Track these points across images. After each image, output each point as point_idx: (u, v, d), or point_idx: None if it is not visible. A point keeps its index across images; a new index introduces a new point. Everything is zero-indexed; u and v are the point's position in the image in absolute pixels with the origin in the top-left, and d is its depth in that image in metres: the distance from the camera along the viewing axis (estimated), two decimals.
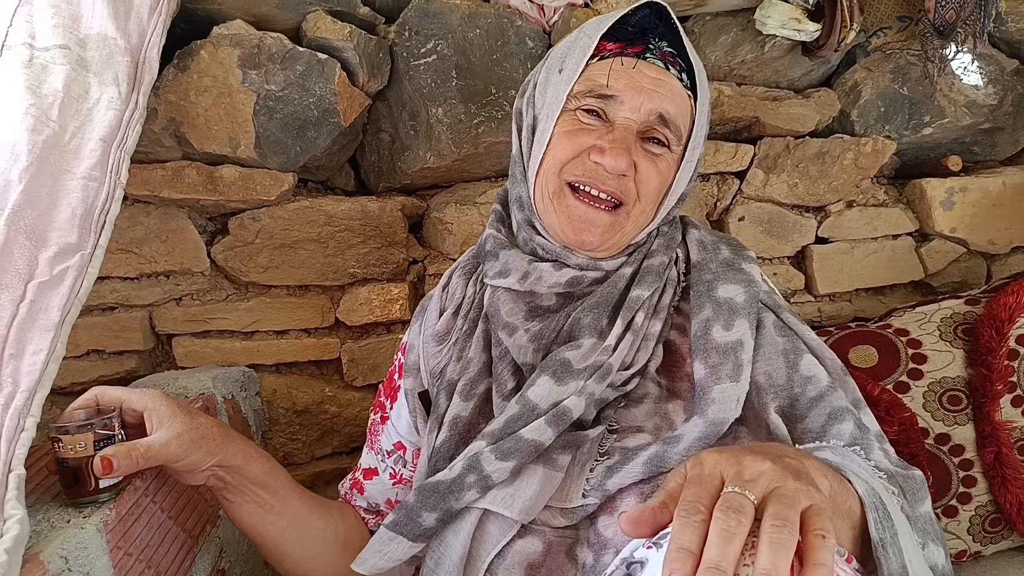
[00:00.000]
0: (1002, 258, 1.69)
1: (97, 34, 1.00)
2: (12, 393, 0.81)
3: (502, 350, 0.89)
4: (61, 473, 0.80)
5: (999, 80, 1.56)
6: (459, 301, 0.96)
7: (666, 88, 0.87)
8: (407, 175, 1.42)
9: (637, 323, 0.85)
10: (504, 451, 0.78)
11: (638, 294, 0.87)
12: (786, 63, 1.50)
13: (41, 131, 0.91)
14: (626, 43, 0.88)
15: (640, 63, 0.87)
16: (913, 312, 1.41)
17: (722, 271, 0.89)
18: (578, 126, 0.88)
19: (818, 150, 1.53)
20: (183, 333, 1.40)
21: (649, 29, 0.89)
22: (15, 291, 0.85)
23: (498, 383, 0.88)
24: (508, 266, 0.91)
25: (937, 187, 1.59)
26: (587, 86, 0.87)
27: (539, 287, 0.89)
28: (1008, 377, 1.26)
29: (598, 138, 0.86)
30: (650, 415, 0.83)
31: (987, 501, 1.27)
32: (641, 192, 0.88)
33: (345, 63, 1.28)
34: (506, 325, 0.88)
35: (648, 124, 0.87)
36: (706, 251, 0.92)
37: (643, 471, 0.75)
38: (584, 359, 0.82)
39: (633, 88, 0.86)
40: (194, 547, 1.08)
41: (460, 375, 0.90)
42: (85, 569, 0.79)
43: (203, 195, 1.29)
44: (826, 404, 0.80)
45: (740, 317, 0.84)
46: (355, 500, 1.07)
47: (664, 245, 0.93)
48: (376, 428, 1.05)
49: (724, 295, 0.86)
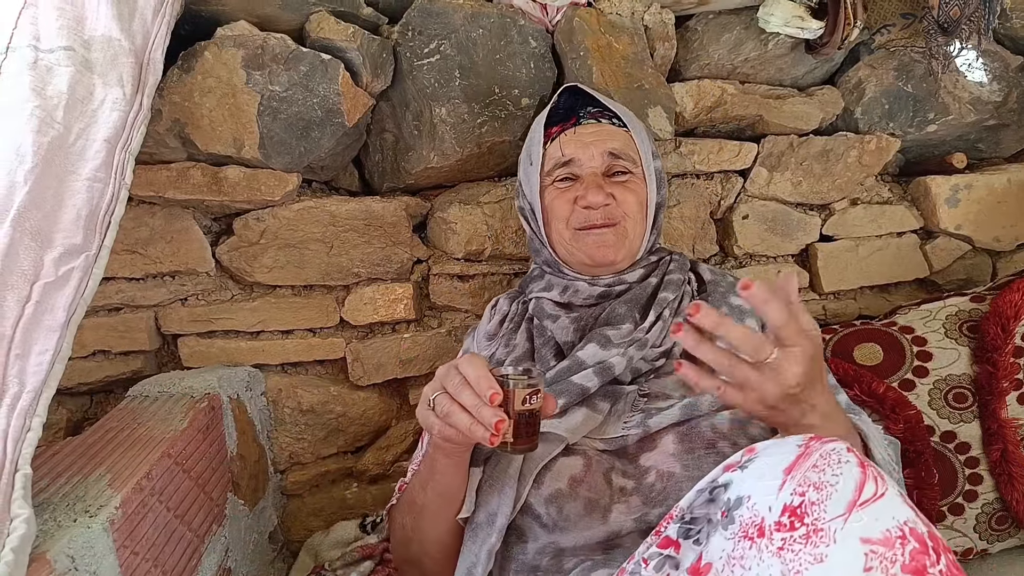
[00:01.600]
0: (1007, 255, 1.68)
1: (101, 36, 1.00)
2: (18, 393, 0.81)
3: (546, 338, 1.10)
4: (526, 425, 0.81)
5: (1004, 77, 1.55)
6: (505, 313, 1.20)
7: (604, 133, 1.13)
8: (411, 175, 1.42)
9: (665, 316, 1.07)
10: (556, 391, 0.95)
11: (665, 296, 1.09)
12: (789, 61, 1.49)
13: (46, 132, 0.91)
14: (562, 121, 1.16)
15: (578, 128, 1.14)
16: (918, 310, 1.40)
17: (730, 288, 1.14)
18: (560, 191, 1.14)
19: (822, 148, 1.53)
20: (188, 333, 1.40)
21: (574, 104, 1.18)
22: (21, 292, 0.85)
23: (542, 362, 1.07)
24: (551, 284, 1.16)
25: (942, 184, 1.58)
26: (551, 164, 1.15)
27: (575, 299, 1.13)
28: (1014, 374, 1.26)
29: (576, 191, 1.12)
30: (676, 386, 1.00)
31: (993, 499, 1.27)
32: (626, 211, 1.12)
33: (349, 63, 1.28)
34: (550, 316, 1.11)
35: (607, 164, 1.12)
36: (715, 275, 1.18)
37: (679, 414, 0.94)
38: (623, 337, 1.02)
39: (580, 145, 1.12)
40: (200, 546, 1.08)
41: (507, 356, 1.11)
42: (91, 568, 0.79)
43: (208, 196, 1.30)
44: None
45: (750, 318, 1.07)
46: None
47: (679, 267, 1.16)
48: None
49: (735, 302, 1.09)
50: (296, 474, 1.49)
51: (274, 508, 1.45)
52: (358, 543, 1.36)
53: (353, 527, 1.43)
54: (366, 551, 1.31)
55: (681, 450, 0.92)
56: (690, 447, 0.92)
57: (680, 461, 0.91)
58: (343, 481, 1.54)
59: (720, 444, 0.91)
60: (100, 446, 1.01)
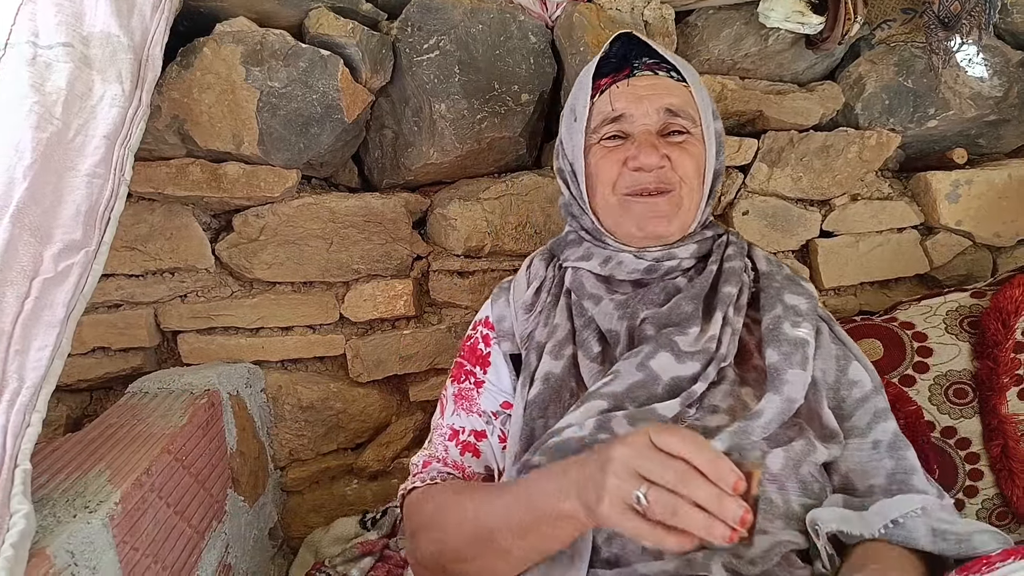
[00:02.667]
0: (1008, 251, 1.68)
1: (100, 32, 1.00)
2: (17, 389, 0.81)
3: (586, 319, 0.99)
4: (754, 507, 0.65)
5: (1004, 72, 1.55)
6: (541, 279, 1.07)
7: (661, 87, 1.00)
8: (411, 171, 1.42)
9: (730, 317, 0.95)
10: (637, 419, 0.84)
11: (729, 291, 0.97)
12: (790, 56, 1.49)
13: (45, 128, 0.91)
14: (614, 72, 1.03)
15: (631, 79, 1.01)
16: (918, 305, 1.40)
17: (786, 283, 1.00)
18: (607, 151, 1.00)
19: (822, 144, 1.53)
20: (188, 330, 1.40)
21: (627, 54, 1.04)
22: (20, 288, 0.85)
23: (584, 347, 0.97)
24: (590, 252, 1.03)
25: (942, 180, 1.58)
26: (599, 118, 1.01)
27: (619, 272, 1.00)
28: (1015, 370, 1.26)
29: (626, 151, 0.98)
30: (726, 396, 0.89)
31: (994, 494, 1.27)
32: (682, 175, 0.98)
33: (348, 59, 1.28)
34: (591, 296, 0.99)
35: (662, 121, 0.99)
36: (771, 265, 1.05)
37: (729, 441, 0.83)
38: (692, 344, 0.91)
39: (634, 100, 0.99)
40: (200, 542, 1.08)
41: (548, 338, 0.99)
42: (91, 564, 0.79)
43: (207, 192, 1.29)
44: (871, 405, 0.93)
45: (806, 320, 0.94)
46: (469, 466, 1.01)
47: (738, 252, 1.04)
48: (469, 394, 1.05)
49: (791, 301, 0.96)
50: (296, 470, 1.49)
51: (274, 504, 1.45)
52: (358, 539, 1.36)
53: (353, 523, 1.43)
54: (366, 547, 1.32)
55: None
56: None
57: None
58: (343, 478, 1.54)
59: (767, 488, 0.82)
60: (100, 442, 1.01)
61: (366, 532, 1.40)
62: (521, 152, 1.47)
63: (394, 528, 1.38)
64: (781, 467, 0.83)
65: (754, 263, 1.05)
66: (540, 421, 0.91)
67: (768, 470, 0.83)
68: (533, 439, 0.91)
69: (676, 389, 0.88)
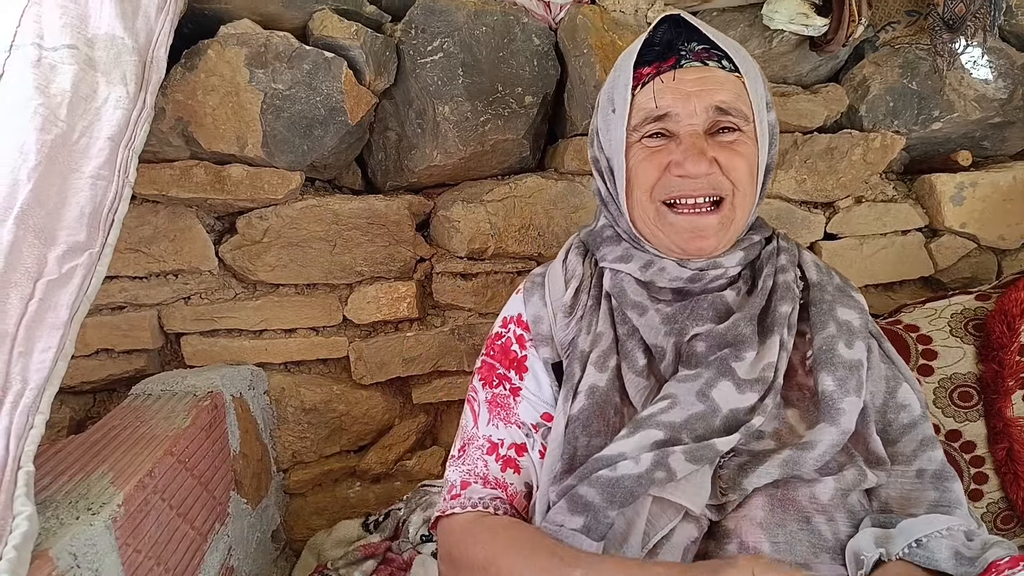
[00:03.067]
0: (1013, 253, 1.68)
1: (105, 34, 1.00)
2: (21, 391, 0.81)
3: (630, 328, 0.92)
4: None
5: (1009, 74, 1.54)
6: (580, 278, 0.99)
7: (712, 81, 0.89)
8: (414, 173, 1.42)
9: (784, 340, 0.88)
10: (696, 456, 0.80)
11: (784, 310, 0.90)
12: (794, 58, 1.49)
13: (49, 130, 0.91)
14: (659, 61, 0.91)
15: (677, 72, 0.89)
16: (923, 308, 1.40)
17: (838, 295, 0.93)
18: (649, 152, 0.91)
19: (826, 146, 1.52)
20: (192, 332, 1.40)
21: (674, 39, 0.92)
22: (24, 289, 0.85)
23: (629, 360, 0.90)
24: (630, 254, 0.96)
25: (947, 182, 1.58)
26: (641, 116, 0.90)
27: (660, 279, 0.93)
28: (1020, 373, 1.25)
29: (670, 154, 0.89)
30: (771, 420, 0.85)
31: (999, 498, 1.26)
32: (734, 179, 0.90)
33: (352, 61, 1.28)
34: (636, 304, 0.92)
35: (711, 120, 0.89)
36: (822, 273, 0.96)
37: (779, 472, 0.79)
38: (749, 372, 0.85)
39: (681, 97, 0.88)
40: (203, 544, 1.08)
41: (592, 347, 0.92)
42: (94, 566, 0.79)
43: (211, 194, 1.30)
44: (919, 431, 0.88)
45: (859, 339, 0.88)
46: (512, 484, 0.94)
47: (790, 260, 0.96)
48: (506, 402, 0.97)
49: (843, 317, 0.90)
50: (299, 473, 1.48)
51: (277, 507, 1.45)
52: (361, 542, 1.36)
53: (356, 526, 1.43)
54: (369, 550, 1.31)
55: (771, 521, 0.79)
56: (781, 519, 0.79)
57: (768, 535, 0.78)
58: (346, 480, 1.54)
59: (816, 520, 0.79)
60: (103, 444, 1.01)
61: (369, 535, 1.39)
62: (524, 154, 1.47)
63: (396, 531, 1.38)
64: (831, 497, 0.81)
65: (803, 271, 0.97)
66: (583, 439, 0.86)
67: (818, 500, 0.80)
68: (575, 458, 0.86)
69: (733, 421, 0.83)
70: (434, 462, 1.56)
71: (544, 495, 0.88)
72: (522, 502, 0.94)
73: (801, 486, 0.80)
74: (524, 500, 0.94)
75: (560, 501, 0.83)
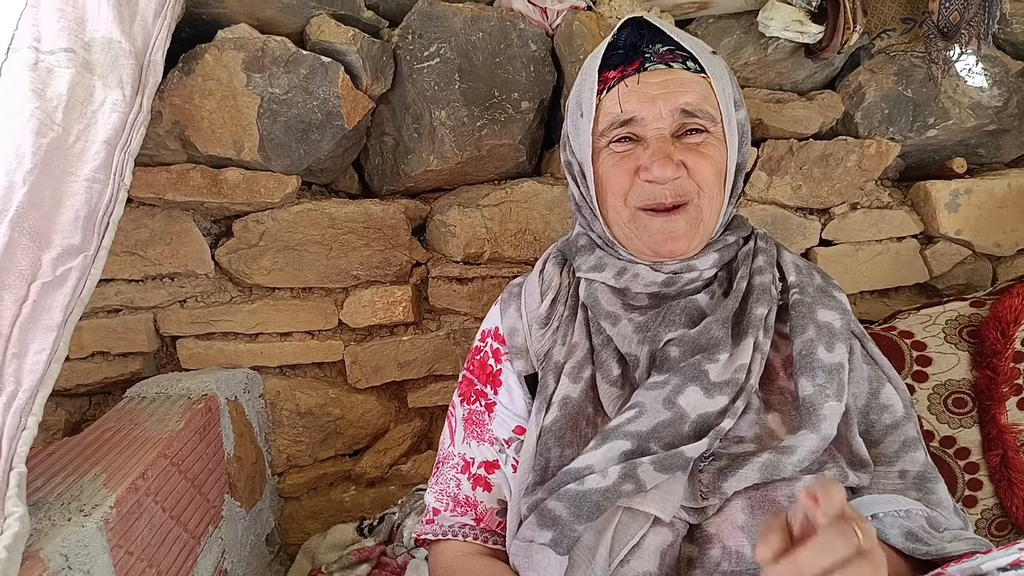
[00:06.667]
0: (1008, 260, 1.68)
1: (102, 37, 1.00)
2: (14, 392, 0.81)
3: (604, 338, 0.92)
4: None
5: (1004, 82, 1.55)
6: (556, 289, 0.99)
7: (676, 84, 0.89)
8: (410, 178, 1.43)
9: (759, 341, 0.87)
10: (665, 465, 0.79)
11: (759, 312, 0.89)
12: (789, 65, 1.49)
13: (45, 133, 0.92)
14: (623, 64, 0.91)
15: (641, 75, 0.89)
16: (918, 314, 1.40)
17: (819, 296, 0.92)
18: (618, 157, 0.91)
19: (822, 152, 1.53)
20: (187, 335, 1.40)
21: (638, 42, 0.92)
22: (18, 291, 0.85)
23: (604, 370, 0.90)
24: (603, 262, 0.95)
25: (942, 189, 1.58)
26: (608, 120, 0.90)
27: (634, 285, 0.93)
28: (1014, 379, 1.25)
29: (638, 159, 0.89)
30: (751, 425, 0.84)
31: (993, 504, 1.26)
32: (699, 182, 0.89)
33: (349, 66, 1.29)
34: (608, 315, 0.92)
35: (677, 123, 0.89)
36: (802, 274, 0.95)
37: (759, 476, 0.79)
38: (721, 374, 0.84)
39: (646, 101, 0.88)
40: (196, 547, 1.08)
41: (566, 358, 0.92)
42: (85, 567, 0.79)
43: (207, 198, 1.30)
44: (901, 433, 0.88)
45: (839, 341, 0.87)
46: (482, 502, 0.96)
47: (768, 261, 0.95)
48: (480, 418, 0.99)
49: (823, 319, 0.89)
50: (294, 476, 1.48)
51: (271, 510, 1.45)
52: (355, 546, 1.36)
53: (350, 530, 1.43)
54: (363, 554, 1.31)
55: (751, 523, 0.78)
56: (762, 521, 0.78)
57: (749, 538, 0.78)
58: (341, 484, 1.54)
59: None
60: (96, 446, 1.01)
61: (363, 539, 1.39)
62: (521, 159, 1.47)
63: (391, 535, 1.38)
64: None
65: (782, 272, 0.96)
66: (556, 451, 0.86)
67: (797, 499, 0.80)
68: (547, 470, 0.86)
69: (703, 426, 0.82)
70: (429, 466, 1.56)
71: (515, 508, 0.88)
72: (494, 519, 0.95)
73: (781, 486, 0.79)
74: (497, 517, 0.95)
75: (530, 516, 0.83)
